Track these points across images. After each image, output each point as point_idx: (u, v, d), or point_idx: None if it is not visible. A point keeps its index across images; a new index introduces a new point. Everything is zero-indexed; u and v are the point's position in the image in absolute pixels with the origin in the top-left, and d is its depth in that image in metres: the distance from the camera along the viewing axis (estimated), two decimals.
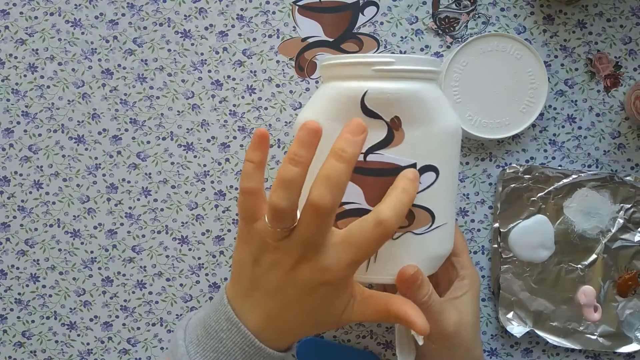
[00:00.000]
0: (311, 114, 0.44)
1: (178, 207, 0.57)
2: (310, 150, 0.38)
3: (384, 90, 0.41)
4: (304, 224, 0.38)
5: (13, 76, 0.56)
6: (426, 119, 0.42)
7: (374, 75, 0.42)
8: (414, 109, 0.42)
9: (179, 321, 0.54)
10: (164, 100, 0.56)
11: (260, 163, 0.41)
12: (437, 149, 0.43)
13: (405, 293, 0.43)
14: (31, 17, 0.55)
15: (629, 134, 0.56)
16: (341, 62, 0.43)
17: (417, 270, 0.43)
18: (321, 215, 0.37)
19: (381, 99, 0.41)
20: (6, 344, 0.58)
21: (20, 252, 0.58)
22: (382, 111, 0.42)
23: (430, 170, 0.43)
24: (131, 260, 0.58)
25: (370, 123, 0.41)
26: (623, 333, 0.55)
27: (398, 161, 0.42)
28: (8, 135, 0.57)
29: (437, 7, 0.55)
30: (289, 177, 0.37)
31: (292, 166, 0.37)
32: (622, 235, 0.55)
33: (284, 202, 0.37)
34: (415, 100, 0.42)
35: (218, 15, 0.56)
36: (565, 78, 0.56)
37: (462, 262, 0.50)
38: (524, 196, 0.55)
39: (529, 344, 0.57)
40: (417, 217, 0.43)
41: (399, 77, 0.42)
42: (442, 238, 0.45)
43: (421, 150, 0.42)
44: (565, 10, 0.55)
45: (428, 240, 0.44)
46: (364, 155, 0.42)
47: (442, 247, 0.45)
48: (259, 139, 0.40)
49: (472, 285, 0.49)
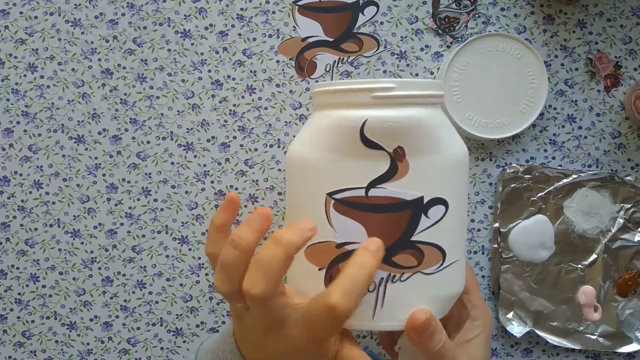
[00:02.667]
0: (304, 145, 0.40)
1: (178, 207, 0.57)
2: (257, 234, 0.36)
3: (385, 119, 0.37)
4: (251, 307, 0.37)
5: (13, 76, 0.56)
6: (432, 147, 0.38)
7: (373, 102, 0.38)
8: (419, 137, 0.38)
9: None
10: (164, 100, 0.56)
11: (222, 226, 0.41)
12: (445, 180, 0.39)
13: (417, 341, 0.39)
14: (31, 16, 0.55)
15: (629, 134, 0.56)
16: (336, 89, 0.39)
17: (429, 316, 0.38)
18: (257, 302, 0.35)
19: (382, 128, 0.38)
20: (6, 344, 0.58)
21: (20, 252, 0.58)
22: (383, 141, 0.38)
23: (439, 204, 0.39)
24: (131, 260, 0.58)
25: (371, 154, 0.38)
26: (623, 333, 0.55)
27: (403, 195, 0.38)
28: (8, 135, 0.57)
29: (437, 7, 0.55)
30: (226, 261, 0.36)
31: (232, 248, 0.36)
32: (622, 235, 0.55)
33: (224, 286, 0.37)
34: (419, 127, 0.38)
35: (218, 15, 0.55)
36: (566, 78, 0.56)
37: (474, 300, 0.46)
38: (524, 196, 0.55)
39: (529, 344, 0.57)
40: (427, 256, 0.39)
41: (400, 103, 0.38)
42: (454, 276, 0.41)
43: (428, 181, 0.38)
44: (566, 10, 0.55)
45: (439, 279, 0.40)
46: (366, 190, 0.38)
47: (455, 286, 0.42)
48: (228, 203, 0.40)
49: (484, 327, 0.46)
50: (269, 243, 0.35)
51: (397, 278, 0.39)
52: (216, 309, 0.58)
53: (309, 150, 0.39)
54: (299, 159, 0.41)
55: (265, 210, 0.36)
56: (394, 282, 0.39)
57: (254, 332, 0.39)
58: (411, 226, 0.39)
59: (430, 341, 0.39)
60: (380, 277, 0.39)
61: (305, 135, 0.41)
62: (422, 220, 0.39)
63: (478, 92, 0.54)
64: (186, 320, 0.58)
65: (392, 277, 0.39)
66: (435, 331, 0.39)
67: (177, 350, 0.59)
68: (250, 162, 0.57)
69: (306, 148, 0.40)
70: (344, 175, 0.38)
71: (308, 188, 0.40)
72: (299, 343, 0.37)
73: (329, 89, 0.40)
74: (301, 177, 0.40)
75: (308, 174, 0.40)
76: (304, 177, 0.40)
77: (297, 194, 0.41)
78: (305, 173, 0.40)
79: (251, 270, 0.35)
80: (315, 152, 0.39)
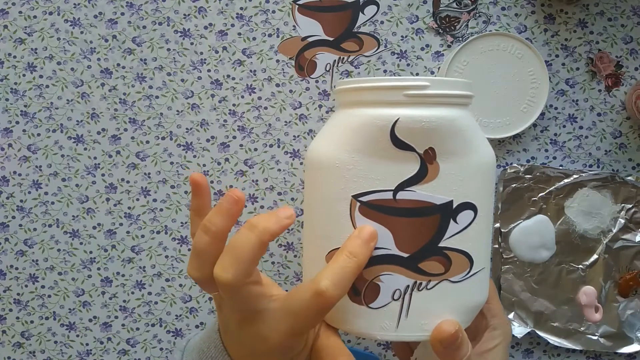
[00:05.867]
0: (328, 144, 0.39)
1: (177, 207, 0.57)
2: (228, 218, 0.35)
3: (419, 118, 0.36)
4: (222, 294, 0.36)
5: (12, 75, 0.56)
6: (463, 150, 0.37)
7: (405, 101, 0.36)
8: (451, 139, 0.36)
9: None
10: (164, 100, 0.56)
11: (198, 210, 0.39)
12: (474, 184, 0.37)
13: (442, 353, 0.37)
14: (30, 16, 0.55)
15: (630, 134, 0.56)
16: (365, 87, 0.37)
17: (458, 328, 0.37)
18: (228, 289, 0.34)
19: (414, 129, 0.36)
20: (5, 344, 0.58)
21: (19, 252, 0.57)
22: (414, 142, 0.36)
23: (469, 209, 0.37)
24: (130, 260, 0.58)
25: (400, 156, 0.36)
26: (624, 333, 0.55)
27: (432, 199, 0.37)
28: (7, 135, 0.56)
29: (438, 6, 0.55)
30: (198, 247, 0.35)
31: (204, 234, 0.35)
32: (623, 236, 0.55)
33: (195, 272, 0.36)
34: (451, 129, 0.36)
35: (217, 15, 0.55)
36: (566, 77, 0.56)
37: (493, 310, 0.45)
38: (525, 196, 0.55)
39: (529, 345, 0.57)
40: (455, 263, 0.37)
41: (433, 102, 0.36)
42: (480, 285, 0.39)
43: (458, 185, 0.37)
44: (566, 10, 0.55)
45: (466, 288, 0.38)
46: (394, 193, 0.37)
47: (480, 295, 0.40)
48: (193, 187, 0.38)
49: (504, 336, 0.44)
50: (243, 229, 0.34)
51: (423, 286, 0.37)
52: (216, 309, 0.58)
53: (334, 150, 0.38)
54: (323, 159, 0.39)
55: (236, 193, 0.35)
56: (420, 290, 0.37)
57: (231, 323, 0.38)
58: (439, 232, 0.37)
59: (456, 354, 0.37)
60: (406, 284, 0.37)
61: (329, 134, 0.39)
62: (450, 225, 0.37)
63: (479, 91, 0.53)
64: (185, 321, 0.58)
65: (418, 285, 0.37)
66: (462, 344, 0.37)
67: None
68: (250, 162, 0.57)
69: (330, 147, 0.38)
70: (371, 177, 0.37)
71: (332, 189, 0.38)
72: (276, 336, 0.36)
73: (357, 86, 0.38)
74: (324, 177, 0.39)
75: (332, 175, 0.38)
76: (327, 177, 0.38)
77: (318, 195, 0.40)
78: (330, 173, 0.38)
79: (223, 255, 0.35)
80: (341, 152, 0.37)
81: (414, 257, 0.37)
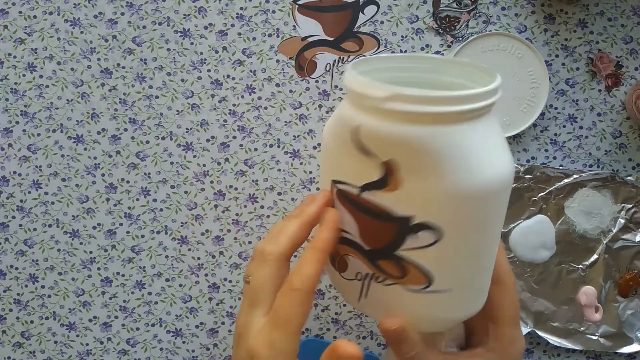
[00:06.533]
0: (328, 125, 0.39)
1: (177, 207, 0.57)
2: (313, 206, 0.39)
3: (377, 130, 0.33)
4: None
5: (12, 75, 0.56)
6: (430, 171, 0.33)
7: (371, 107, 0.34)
8: (415, 156, 0.33)
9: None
10: (163, 100, 0.56)
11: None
12: (445, 209, 0.34)
13: (388, 343, 0.39)
14: (30, 16, 0.55)
15: (630, 134, 0.56)
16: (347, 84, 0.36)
17: (400, 326, 0.37)
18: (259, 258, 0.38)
19: (377, 139, 0.34)
20: (5, 344, 0.58)
21: (19, 252, 0.57)
22: (378, 150, 0.34)
23: (428, 230, 0.35)
24: (130, 260, 0.58)
25: (364, 159, 0.35)
26: (624, 333, 0.55)
27: (391, 209, 0.35)
28: (7, 135, 0.56)
29: (438, 6, 0.55)
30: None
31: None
32: (623, 236, 0.55)
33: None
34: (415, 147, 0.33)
35: (217, 14, 0.55)
36: (566, 77, 0.56)
37: (499, 335, 0.41)
38: (525, 196, 0.55)
39: (530, 345, 0.57)
40: (411, 274, 0.36)
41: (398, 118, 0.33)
42: (447, 303, 0.37)
43: (421, 204, 0.34)
44: (566, 10, 0.55)
45: (423, 300, 0.37)
46: (360, 191, 0.36)
47: (448, 311, 0.38)
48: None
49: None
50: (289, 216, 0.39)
51: (380, 280, 0.38)
52: (216, 309, 0.58)
53: (327, 133, 0.38)
54: (323, 137, 0.39)
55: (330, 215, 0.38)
56: (377, 282, 0.38)
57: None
58: (396, 241, 0.36)
59: (400, 348, 0.38)
60: (366, 272, 0.38)
61: (332, 116, 0.39)
62: (409, 238, 0.36)
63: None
64: (185, 321, 0.58)
65: (376, 277, 0.38)
66: (407, 341, 0.37)
67: (177, 351, 0.58)
68: (250, 162, 0.57)
69: (326, 129, 0.38)
70: (345, 169, 0.37)
71: (324, 168, 0.40)
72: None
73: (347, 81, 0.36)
74: (323, 153, 0.40)
75: (325, 154, 0.39)
76: (324, 154, 0.40)
77: (321, 170, 0.42)
78: (324, 152, 0.39)
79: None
80: (330, 136, 0.38)
81: (374, 253, 0.38)
